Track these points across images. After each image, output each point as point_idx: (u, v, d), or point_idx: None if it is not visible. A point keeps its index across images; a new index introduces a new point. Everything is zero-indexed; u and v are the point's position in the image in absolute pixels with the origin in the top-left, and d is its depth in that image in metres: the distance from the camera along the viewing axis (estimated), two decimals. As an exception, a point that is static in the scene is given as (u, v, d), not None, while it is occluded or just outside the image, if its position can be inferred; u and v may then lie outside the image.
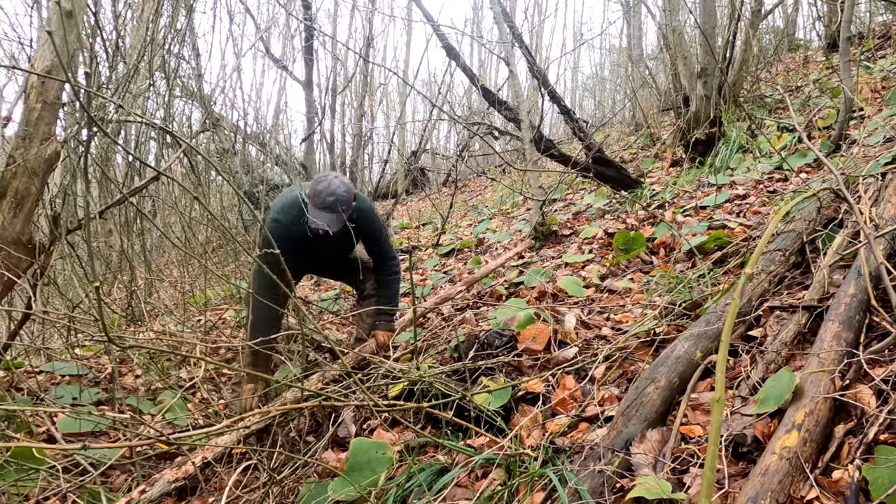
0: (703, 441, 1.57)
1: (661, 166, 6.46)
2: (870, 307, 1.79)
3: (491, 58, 15.46)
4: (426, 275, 5.13)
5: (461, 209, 9.18)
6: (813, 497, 1.24)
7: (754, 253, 1.41)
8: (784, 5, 8.67)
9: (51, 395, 2.87)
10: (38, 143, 2.63)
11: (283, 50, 11.53)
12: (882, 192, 2.51)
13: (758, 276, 2.26)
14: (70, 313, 3.07)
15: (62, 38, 2.56)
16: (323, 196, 2.44)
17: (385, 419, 2.34)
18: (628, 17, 10.81)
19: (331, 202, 2.44)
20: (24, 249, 2.68)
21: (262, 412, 1.88)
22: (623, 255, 3.66)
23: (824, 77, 6.61)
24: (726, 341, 1.18)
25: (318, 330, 2.38)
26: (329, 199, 2.44)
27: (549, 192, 5.59)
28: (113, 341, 1.40)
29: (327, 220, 2.45)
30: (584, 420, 1.94)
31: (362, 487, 1.75)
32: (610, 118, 11.77)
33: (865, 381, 1.53)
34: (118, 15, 4.30)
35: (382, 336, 2.89)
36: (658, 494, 1.33)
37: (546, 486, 1.56)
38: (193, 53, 5.97)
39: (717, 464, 1.34)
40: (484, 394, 2.13)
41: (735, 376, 1.85)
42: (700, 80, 5.49)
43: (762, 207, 3.74)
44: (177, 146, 4.63)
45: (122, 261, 4.47)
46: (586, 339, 2.51)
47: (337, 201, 2.45)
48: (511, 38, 5.23)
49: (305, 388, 1.91)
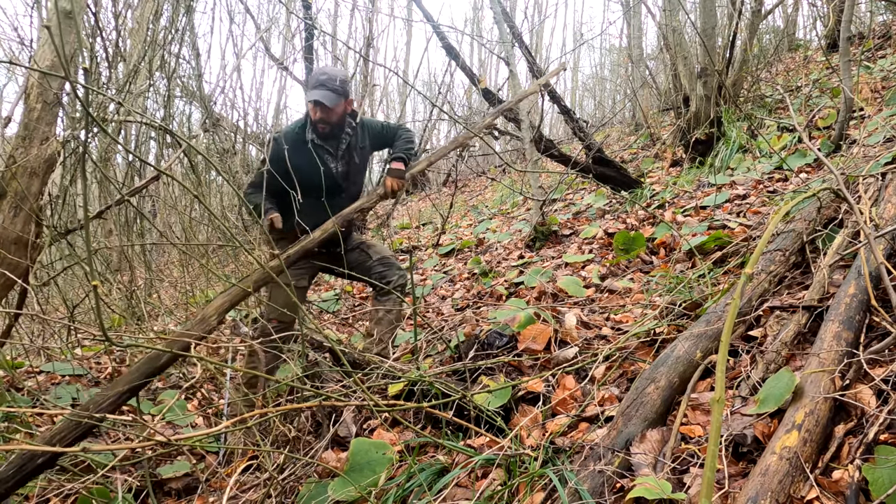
0: (703, 441, 1.57)
1: (661, 166, 6.46)
2: (870, 307, 1.79)
3: (491, 58, 15.46)
4: (426, 275, 5.13)
5: (461, 209, 9.18)
6: (813, 497, 1.24)
7: (754, 253, 1.41)
8: (784, 5, 8.67)
9: (51, 395, 2.87)
10: (39, 144, 2.63)
11: (284, 50, 11.54)
12: (882, 192, 2.51)
13: (758, 276, 2.26)
14: (69, 314, 3.07)
15: (62, 38, 2.56)
16: (316, 76, 2.69)
17: (385, 419, 2.34)
18: (628, 17, 10.81)
19: (323, 79, 2.65)
20: (24, 249, 2.68)
21: (262, 412, 1.88)
22: (623, 255, 3.66)
23: (824, 77, 6.61)
24: (726, 341, 1.18)
25: (319, 330, 2.38)
26: (321, 77, 2.66)
27: (549, 192, 5.60)
28: (112, 341, 1.40)
29: (320, 94, 2.64)
30: (584, 420, 1.94)
31: (362, 487, 1.75)
32: (610, 118, 11.77)
33: (865, 381, 1.53)
34: (118, 15, 4.31)
35: (391, 182, 2.78)
36: (658, 494, 1.33)
37: (546, 486, 1.56)
38: (193, 53, 5.97)
39: (717, 464, 1.34)
40: (484, 394, 2.13)
41: (735, 376, 1.85)
42: (700, 80, 5.49)
43: (762, 207, 3.74)
44: (177, 146, 4.63)
45: (122, 261, 4.47)
46: (586, 339, 2.51)
47: (329, 78, 2.66)
48: (511, 38, 5.23)
49: (305, 388, 1.91)
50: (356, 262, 2.90)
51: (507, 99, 5.73)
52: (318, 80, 2.66)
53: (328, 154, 2.79)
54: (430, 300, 4.29)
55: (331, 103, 2.66)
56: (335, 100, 2.67)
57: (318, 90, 2.64)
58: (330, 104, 2.66)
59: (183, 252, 4.31)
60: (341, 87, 2.68)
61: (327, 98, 2.64)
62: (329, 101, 2.65)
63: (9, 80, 11.17)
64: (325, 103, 2.64)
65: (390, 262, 2.94)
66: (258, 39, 8.67)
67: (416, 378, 2.17)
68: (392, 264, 2.94)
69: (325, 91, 2.64)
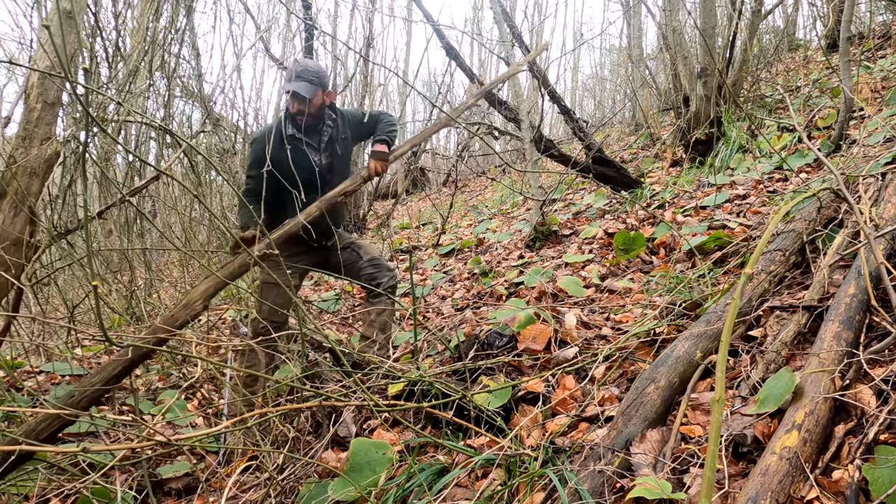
0: (703, 441, 1.57)
1: (661, 166, 6.46)
2: (870, 307, 1.79)
3: (491, 58, 15.47)
4: (426, 275, 5.13)
5: (461, 209, 9.18)
6: (813, 497, 1.24)
7: (754, 253, 1.41)
8: (784, 5, 8.68)
9: (51, 395, 2.87)
10: (39, 144, 2.63)
11: (284, 50, 11.55)
12: (882, 192, 2.51)
13: (758, 276, 2.26)
14: (69, 314, 3.07)
15: (62, 38, 2.56)
16: (293, 69, 2.71)
17: (385, 419, 2.34)
18: (628, 17, 10.81)
19: (299, 71, 2.68)
20: (24, 249, 2.68)
21: (262, 412, 1.88)
22: (623, 255, 3.66)
23: (824, 77, 6.61)
24: (726, 341, 1.18)
25: (319, 330, 2.38)
26: (298, 69, 2.69)
27: (549, 192, 5.60)
28: (112, 341, 1.40)
29: (297, 86, 2.65)
30: (584, 420, 1.94)
31: (362, 487, 1.75)
32: (610, 118, 11.77)
33: (865, 381, 1.53)
34: (118, 15, 4.31)
35: (374, 164, 2.78)
36: (658, 494, 1.32)
37: (546, 486, 1.56)
38: (193, 53, 5.97)
39: (717, 464, 1.34)
40: (484, 394, 2.12)
41: (735, 376, 1.85)
42: (700, 80, 5.49)
43: (762, 207, 3.74)
44: (177, 146, 4.63)
45: (122, 261, 4.47)
46: (586, 339, 2.51)
47: (305, 70, 2.68)
48: (511, 38, 5.23)
49: (305, 388, 1.91)
50: (346, 262, 2.89)
51: (507, 99, 5.73)
52: (294, 72, 2.68)
53: (310, 148, 2.78)
54: (430, 300, 4.29)
55: (308, 94, 2.66)
56: (312, 91, 2.67)
57: (294, 82, 2.66)
58: (308, 95, 2.66)
59: (183, 252, 4.31)
60: (317, 79, 2.69)
61: (304, 89, 2.65)
62: (306, 92, 2.65)
63: (9, 80, 11.18)
64: (302, 93, 2.65)
65: (380, 264, 2.93)
66: (258, 39, 8.67)
67: (416, 378, 2.17)
68: (381, 265, 2.93)
69: (302, 82, 2.65)
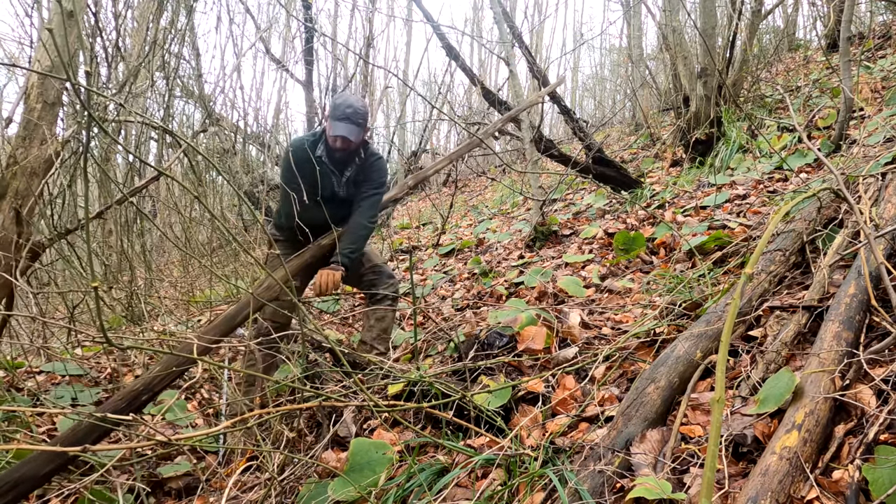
0: (703, 441, 1.57)
1: (661, 166, 6.47)
2: (870, 307, 1.79)
3: (491, 58, 15.47)
4: (426, 275, 5.13)
5: (461, 209, 9.19)
6: (813, 497, 1.24)
7: (754, 253, 1.41)
8: (784, 5, 8.67)
9: (51, 395, 2.87)
10: (39, 144, 2.63)
11: (284, 50, 11.55)
12: (882, 192, 2.51)
13: (758, 276, 2.26)
14: (69, 314, 3.07)
15: (63, 37, 2.56)
16: (342, 108, 2.62)
17: (385, 419, 2.34)
18: (628, 17, 10.81)
19: (349, 113, 2.61)
20: (21, 250, 2.68)
21: (262, 413, 1.88)
22: (623, 255, 3.66)
23: (824, 77, 6.61)
24: (726, 341, 1.18)
25: (319, 330, 2.38)
26: (347, 111, 2.61)
27: (549, 192, 5.60)
28: (111, 342, 1.40)
29: (346, 129, 2.61)
30: (584, 420, 1.94)
31: (362, 487, 1.75)
32: (610, 118, 11.78)
33: (865, 381, 1.53)
34: (118, 15, 4.31)
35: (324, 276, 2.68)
36: (658, 494, 1.32)
37: (546, 486, 1.56)
38: (193, 53, 5.97)
39: (717, 464, 1.34)
40: (484, 394, 2.13)
41: (735, 376, 1.85)
42: (700, 80, 5.49)
43: (762, 207, 3.74)
44: (177, 146, 4.63)
45: (122, 261, 4.47)
46: (586, 339, 2.51)
47: (355, 112, 2.62)
48: (511, 38, 5.24)
49: (305, 388, 1.91)
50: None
51: (507, 99, 5.73)
52: (344, 112, 2.63)
53: (335, 176, 2.79)
54: (430, 300, 4.28)
55: (356, 139, 2.67)
56: (359, 135, 2.68)
57: (344, 123, 2.62)
58: (356, 140, 2.67)
59: (183, 252, 4.31)
60: (364, 121, 2.68)
61: (353, 133, 2.64)
62: (355, 137, 2.66)
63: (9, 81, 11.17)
64: (351, 138, 2.65)
65: (381, 271, 2.94)
66: (258, 39, 8.67)
67: (416, 378, 2.17)
68: (382, 273, 2.94)
69: (351, 125, 2.63)
